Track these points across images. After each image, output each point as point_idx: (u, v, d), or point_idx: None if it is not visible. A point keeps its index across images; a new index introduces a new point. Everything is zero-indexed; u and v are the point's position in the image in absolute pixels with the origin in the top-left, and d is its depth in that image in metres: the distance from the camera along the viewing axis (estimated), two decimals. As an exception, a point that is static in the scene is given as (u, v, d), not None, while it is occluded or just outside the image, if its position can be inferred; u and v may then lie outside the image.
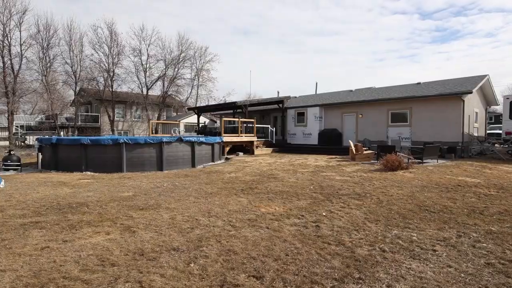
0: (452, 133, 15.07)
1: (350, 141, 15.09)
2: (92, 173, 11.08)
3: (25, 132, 28.80)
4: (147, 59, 30.93)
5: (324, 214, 5.42)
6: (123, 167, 11.32)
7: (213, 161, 14.29)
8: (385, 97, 17.49)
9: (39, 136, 15.74)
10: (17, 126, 31.15)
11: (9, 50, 23.31)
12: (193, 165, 12.90)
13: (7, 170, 11.49)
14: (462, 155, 14.81)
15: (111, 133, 30.35)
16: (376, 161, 12.59)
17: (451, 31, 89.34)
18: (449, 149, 14.61)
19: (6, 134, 27.11)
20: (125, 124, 33.63)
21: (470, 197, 6.61)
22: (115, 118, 32.07)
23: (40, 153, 12.07)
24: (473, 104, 16.20)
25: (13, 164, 11.61)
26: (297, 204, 6.15)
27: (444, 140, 15.13)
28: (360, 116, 18.67)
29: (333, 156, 15.79)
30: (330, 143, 19.22)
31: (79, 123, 30.69)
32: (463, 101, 14.88)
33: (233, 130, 18.50)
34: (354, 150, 14.06)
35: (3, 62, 22.66)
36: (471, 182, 8.18)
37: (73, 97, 28.95)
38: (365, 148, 14.77)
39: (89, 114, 32.81)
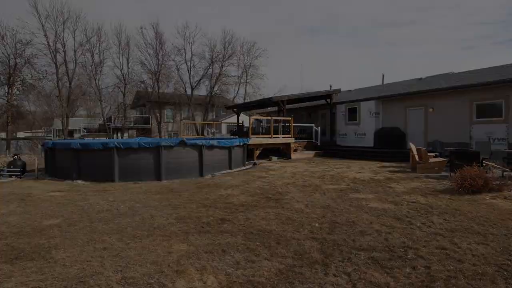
0: None
1: (411, 143, 11.09)
2: (83, 182, 9.70)
3: (83, 134, 30.73)
4: (191, 58, 30.21)
5: (279, 318, 2.47)
6: (114, 176, 9.68)
7: (230, 168, 11.85)
8: (467, 84, 12.73)
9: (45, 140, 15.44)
10: (84, 129, 33.79)
11: (64, 57, 24.70)
12: (201, 174, 10.67)
13: (10, 176, 10.91)
14: None
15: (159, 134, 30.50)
16: (448, 174, 8.56)
17: None
18: None
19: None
20: (174, 126, 33.67)
21: None
22: (165, 120, 32.23)
23: (36, 158, 11.26)
24: None
25: (15, 170, 10.99)
26: (257, 270, 3.27)
27: None
28: (431, 110, 14.12)
29: (388, 164, 11.94)
30: (389, 145, 15.11)
31: (131, 125, 31.60)
32: None
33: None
34: (416, 157, 10.14)
35: (57, 68, 23.99)
36: None
37: (122, 100, 29.77)
38: (433, 155, 10.62)
39: (142, 116, 33.69)
